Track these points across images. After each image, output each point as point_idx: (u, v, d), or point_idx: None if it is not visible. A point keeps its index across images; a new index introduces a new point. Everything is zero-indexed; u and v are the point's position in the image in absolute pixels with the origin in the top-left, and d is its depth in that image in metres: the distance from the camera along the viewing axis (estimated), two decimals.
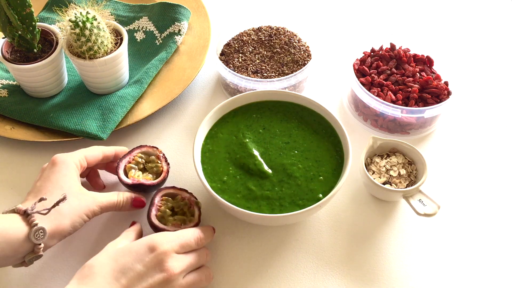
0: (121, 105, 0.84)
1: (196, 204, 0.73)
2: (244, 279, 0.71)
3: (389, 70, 0.87)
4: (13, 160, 0.83)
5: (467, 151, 0.85)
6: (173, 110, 0.90)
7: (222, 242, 0.74)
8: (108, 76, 0.84)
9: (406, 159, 0.78)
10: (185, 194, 0.74)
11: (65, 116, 0.83)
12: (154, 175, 0.77)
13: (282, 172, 0.73)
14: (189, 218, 0.72)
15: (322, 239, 0.75)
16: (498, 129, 0.88)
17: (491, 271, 0.72)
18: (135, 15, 0.99)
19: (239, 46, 0.93)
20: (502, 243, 0.75)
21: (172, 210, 0.73)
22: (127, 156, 0.77)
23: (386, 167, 0.77)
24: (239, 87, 0.87)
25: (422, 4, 1.10)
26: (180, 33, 0.95)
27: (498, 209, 0.78)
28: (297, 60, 0.90)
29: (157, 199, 0.72)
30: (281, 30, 0.94)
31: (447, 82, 0.87)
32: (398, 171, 0.77)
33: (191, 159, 0.81)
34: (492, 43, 1.02)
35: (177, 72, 0.91)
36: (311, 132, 0.77)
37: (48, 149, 0.84)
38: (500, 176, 0.82)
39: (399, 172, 0.77)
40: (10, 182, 0.81)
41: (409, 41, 0.90)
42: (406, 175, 0.77)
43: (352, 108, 0.89)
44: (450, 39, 1.03)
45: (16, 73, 0.83)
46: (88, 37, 0.79)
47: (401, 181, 0.76)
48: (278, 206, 0.70)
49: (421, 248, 0.74)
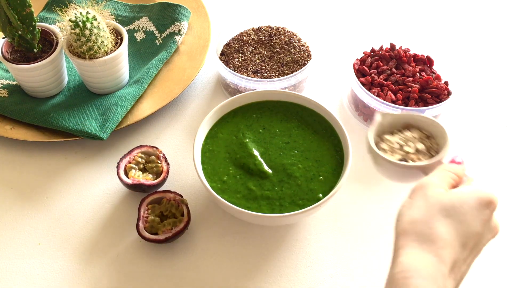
0: (121, 105, 0.84)
1: (182, 202, 0.73)
2: (244, 279, 0.71)
3: (389, 70, 0.87)
4: (13, 160, 0.83)
5: (467, 151, 0.85)
6: (173, 110, 0.90)
7: (222, 242, 0.74)
8: (108, 76, 0.84)
9: (424, 133, 0.66)
10: (169, 195, 0.74)
11: (65, 116, 0.83)
12: (154, 175, 0.77)
13: (282, 172, 0.73)
14: (179, 218, 0.72)
15: (322, 239, 0.75)
16: (498, 129, 0.88)
17: (491, 271, 0.72)
18: (135, 15, 0.99)
19: (239, 46, 0.92)
20: (502, 243, 0.75)
21: (162, 214, 0.73)
22: (127, 156, 0.77)
23: (400, 143, 0.65)
24: (239, 87, 0.87)
25: (422, 4, 1.10)
26: (180, 33, 0.95)
27: (498, 208, 0.78)
28: (297, 60, 0.90)
29: (142, 211, 0.72)
30: (281, 30, 0.94)
31: (447, 82, 0.87)
32: (415, 146, 0.64)
33: (191, 159, 0.81)
34: (492, 43, 1.02)
35: (177, 72, 0.91)
36: (311, 132, 0.77)
37: (48, 149, 0.84)
38: (500, 176, 0.82)
39: (416, 147, 0.64)
40: (10, 182, 0.81)
41: (409, 41, 0.90)
42: (425, 150, 0.64)
43: (352, 108, 0.89)
44: (450, 39, 1.03)
45: (16, 73, 0.83)
46: (88, 37, 0.79)
47: (420, 158, 0.64)
48: (278, 206, 0.70)
49: None
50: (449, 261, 0.49)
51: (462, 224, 0.51)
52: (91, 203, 0.78)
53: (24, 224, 0.76)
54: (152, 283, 0.71)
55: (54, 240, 0.75)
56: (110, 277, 0.71)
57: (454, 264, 0.50)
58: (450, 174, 0.57)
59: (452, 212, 0.51)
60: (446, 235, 0.50)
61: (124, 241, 0.74)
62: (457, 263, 0.50)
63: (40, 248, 0.74)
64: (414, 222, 0.52)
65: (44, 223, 0.76)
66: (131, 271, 0.72)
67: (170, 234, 0.70)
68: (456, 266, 0.50)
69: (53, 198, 0.79)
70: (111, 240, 0.74)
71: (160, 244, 0.72)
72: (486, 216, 0.52)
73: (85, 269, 0.72)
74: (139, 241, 0.74)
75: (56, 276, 0.71)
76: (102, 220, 0.76)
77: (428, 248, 0.50)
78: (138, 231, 0.71)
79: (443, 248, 0.50)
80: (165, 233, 0.70)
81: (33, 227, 0.76)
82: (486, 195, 0.53)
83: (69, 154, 0.84)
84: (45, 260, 0.73)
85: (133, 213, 0.77)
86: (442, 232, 0.50)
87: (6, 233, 0.75)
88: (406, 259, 0.49)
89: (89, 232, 0.75)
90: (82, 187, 0.80)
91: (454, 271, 0.50)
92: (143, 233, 0.71)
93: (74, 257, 0.73)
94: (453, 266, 0.50)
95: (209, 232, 0.75)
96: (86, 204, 0.78)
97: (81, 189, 0.80)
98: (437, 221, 0.51)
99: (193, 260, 0.73)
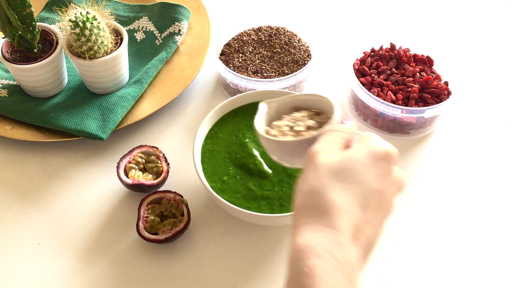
0: (121, 105, 0.84)
1: (182, 202, 0.73)
2: (244, 279, 0.71)
3: (389, 70, 0.87)
4: (13, 160, 0.83)
5: (467, 151, 0.85)
6: (173, 110, 0.90)
7: (222, 242, 0.74)
8: (108, 76, 0.84)
9: (313, 111, 0.62)
10: (169, 195, 0.74)
11: (65, 116, 0.83)
12: (154, 175, 0.77)
13: (282, 172, 0.73)
14: (179, 218, 0.72)
15: None
16: (498, 129, 0.88)
17: (491, 272, 0.72)
18: (135, 15, 0.99)
19: (239, 46, 0.92)
20: (503, 243, 0.75)
21: (162, 214, 0.73)
22: (127, 156, 0.77)
23: (289, 125, 0.61)
24: (239, 87, 0.87)
25: (422, 4, 1.10)
26: (180, 33, 0.95)
27: (498, 209, 0.78)
28: (297, 60, 0.90)
29: (142, 211, 0.72)
30: (281, 30, 0.94)
31: (447, 82, 0.87)
32: (304, 124, 0.60)
33: (191, 159, 0.81)
34: (492, 43, 1.02)
35: (177, 72, 0.91)
36: None
37: (48, 149, 0.84)
38: (500, 176, 0.82)
39: (306, 125, 0.60)
40: (10, 182, 0.81)
41: (409, 41, 0.90)
42: (317, 125, 0.60)
43: (352, 108, 0.89)
44: (450, 39, 1.03)
45: (16, 73, 0.83)
46: (88, 37, 0.79)
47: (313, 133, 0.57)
48: (278, 206, 0.70)
49: (421, 248, 0.74)
50: (348, 228, 0.46)
51: (357, 185, 0.47)
52: (91, 203, 0.78)
53: (24, 224, 0.76)
54: (152, 283, 0.71)
55: (54, 240, 0.75)
56: (110, 277, 0.71)
57: (356, 229, 0.46)
58: (338, 134, 0.53)
59: (344, 175, 0.47)
60: (341, 201, 0.46)
61: (124, 241, 0.74)
62: (360, 227, 0.47)
63: (40, 248, 0.74)
64: (306, 197, 0.48)
65: (44, 223, 0.76)
66: (131, 271, 0.72)
67: (170, 234, 0.70)
68: (359, 231, 0.46)
69: (53, 198, 0.79)
70: (111, 240, 0.74)
71: (160, 244, 0.72)
72: (383, 170, 0.48)
73: (85, 269, 0.72)
74: (139, 241, 0.74)
75: (56, 276, 0.71)
76: (102, 220, 0.76)
77: (322, 221, 0.46)
78: (138, 231, 0.71)
79: (339, 216, 0.46)
80: (165, 233, 0.70)
81: (33, 227, 0.76)
82: (380, 149, 0.49)
83: (69, 154, 0.84)
84: (45, 260, 0.73)
85: (133, 213, 0.77)
86: (336, 199, 0.46)
87: (6, 233, 0.75)
88: (300, 240, 0.46)
89: (89, 232, 0.75)
90: (82, 187, 0.80)
91: (357, 236, 0.46)
92: (143, 233, 0.71)
93: (74, 257, 0.73)
94: (355, 232, 0.46)
95: (209, 232, 0.75)
96: (86, 204, 0.78)
97: (81, 189, 0.80)
98: (329, 188, 0.47)
99: (193, 260, 0.73)
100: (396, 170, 0.50)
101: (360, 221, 0.47)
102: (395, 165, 0.50)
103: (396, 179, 0.50)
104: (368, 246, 0.48)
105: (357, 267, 0.46)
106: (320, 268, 0.43)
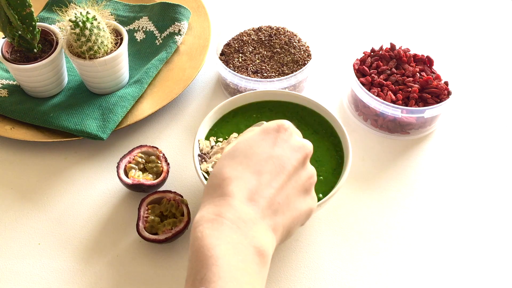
0: (121, 105, 0.84)
1: (182, 202, 0.73)
2: None
3: (389, 70, 0.87)
4: (13, 160, 0.83)
5: (467, 151, 0.85)
6: (173, 110, 0.90)
7: None
8: (108, 76, 0.84)
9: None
10: (169, 195, 0.74)
11: (65, 116, 0.83)
12: (154, 175, 0.77)
13: None
14: (179, 218, 0.72)
15: (322, 239, 0.75)
16: (498, 129, 0.88)
17: (491, 272, 0.72)
18: (135, 15, 0.99)
19: (239, 46, 0.93)
20: (503, 243, 0.75)
21: (162, 214, 0.73)
22: (127, 156, 0.77)
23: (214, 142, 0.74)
24: (239, 87, 0.87)
25: (422, 4, 1.10)
26: (180, 33, 0.95)
27: (499, 209, 0.78)
28: (297, 60, 0.90)
29: (142, 211, 0.72)
30: (281, 30, 0.94)
31: (447, 82, 0.87)
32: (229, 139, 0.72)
33: (191, 159, 0.81)
34: (492, 43, 1.02)
35: (177, 72, 0.91)
36: (311, 132, 0.77)
37: (48, 149, 0.84)
38: (500, 176, 0.82)
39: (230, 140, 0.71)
40: (10, 182, 0.81)
41: (409, 41, 0.90)
42: None
43: (352, 108, 0.89)
44: (450, 39, 1.03)
45: (16, 73, 0.83)
46: (88, 37, 0.79)
47: None
48: None
49: (421, 247, 0.74)
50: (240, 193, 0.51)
51: (249, 157, 0.53)
52: (91, 203, 0.78)
53: (24, 224, 0.76)
54: (152, 283, 0.71)
55: (54, 240, 0.75)
56: (110, 277, 0.71)
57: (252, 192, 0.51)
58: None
59: (238, 153, 0.53)
60: (232, 173, 0.52)
61: (124, 241, 0.74)
62: (257, 190, 0.51)
63: (40, 248, 0.74)
64: (208, 182, 0.54)
65: (44, 223, 0.76)
66: (131, 271, 0.72)
67: (170, 234, 0.70)
68: (256, 193, 0.51)
69: (53, 198, 0.79)
70: (111, 240, 0.74)
71: (160, 244, 0.72)
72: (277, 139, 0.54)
73: (85, 269, 0.72)
74: (139, 241, 0.74)
75: (56, 276, 0.71)
76: (102, 220, 0.76)
77: (216, 193, 0.51)
78: (138, 231, 0.71)
79: (230, 184, 0.51)
80: (165, 233, 0.70)
81: (33, 227, 0.76)
82: (271, 124, 0.55)
83: (69, 154, 0.84)
84: (45, 260, 0.73)
85: (133, 213, 0.77)
86: (228, 172, 0.52)
87: (6, 233, 0.75)
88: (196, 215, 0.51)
89: (89, 232, 0.75)
90: (82, 187, 0.80)
91: (253, 198, 0.51)
92: (143, 233, 0.71)
93: (74, 257, 0.73)
94: (252, 194, 0.51)
95: None
96: (86, 204, 0.78)
97: (81, 189, 0.80)
98: (224, 167, 0.53)
99: None
100: (295, 138, 0.56)
101: (255, 185, 0.51)
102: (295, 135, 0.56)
103: (294, 145, 0.55)
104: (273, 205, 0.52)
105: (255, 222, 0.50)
106: (210, 228, 0.48)
